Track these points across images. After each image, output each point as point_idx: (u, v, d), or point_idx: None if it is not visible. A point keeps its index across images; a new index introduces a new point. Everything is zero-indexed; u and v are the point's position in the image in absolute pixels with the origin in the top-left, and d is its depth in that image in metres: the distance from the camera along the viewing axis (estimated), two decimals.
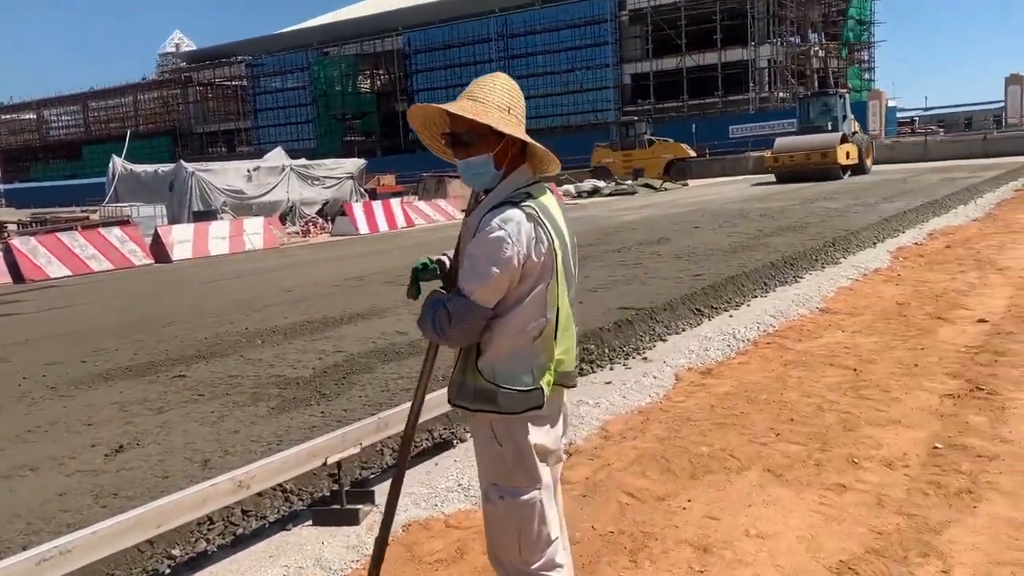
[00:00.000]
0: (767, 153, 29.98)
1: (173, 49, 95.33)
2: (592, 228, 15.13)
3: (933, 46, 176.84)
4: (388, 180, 31.78)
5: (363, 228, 20.33)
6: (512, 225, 2.02)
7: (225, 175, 20.43)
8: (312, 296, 8.86)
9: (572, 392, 4.92)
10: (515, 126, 2.12)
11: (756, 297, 7.88)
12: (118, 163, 20.57)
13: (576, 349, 2.25)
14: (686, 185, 35.18)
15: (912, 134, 56.33)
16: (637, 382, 5.28)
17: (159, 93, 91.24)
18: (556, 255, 2.07)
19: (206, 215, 18.81)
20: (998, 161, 30.80)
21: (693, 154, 36.76)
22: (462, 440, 4.31)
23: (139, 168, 20.71)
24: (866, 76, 65.04)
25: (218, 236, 16.93)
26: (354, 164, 24.02)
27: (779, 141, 29.85)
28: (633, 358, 5.85)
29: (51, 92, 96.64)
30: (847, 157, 27.49)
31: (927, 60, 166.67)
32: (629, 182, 34.34)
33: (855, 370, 5.37)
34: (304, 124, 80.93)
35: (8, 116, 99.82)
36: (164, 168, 20.26)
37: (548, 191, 2.22)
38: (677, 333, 6.53)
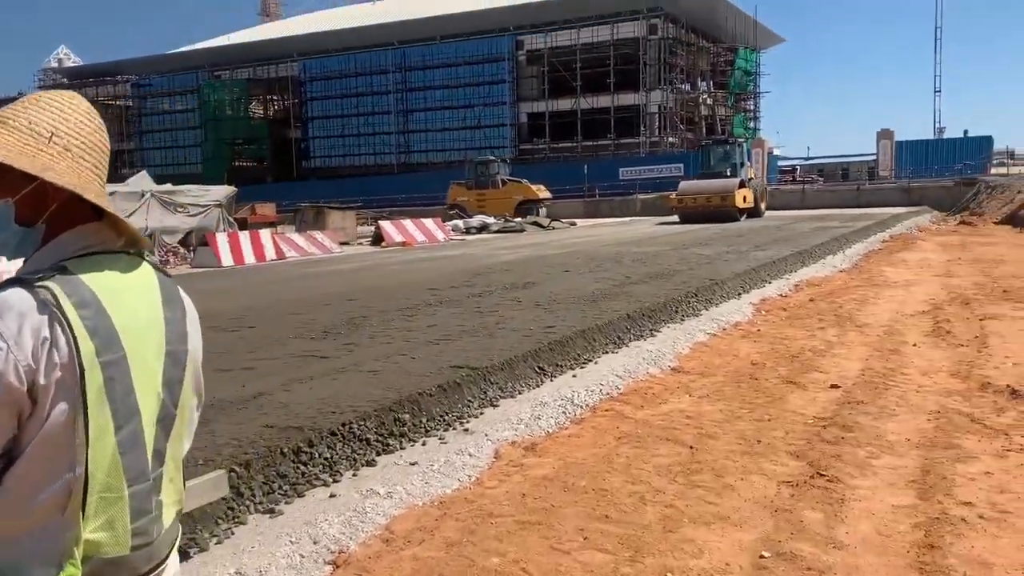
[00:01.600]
0: (672, 195, 31.34)
1: (56, 64, 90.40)
2: (464, 268, 14.48)
3: (817, 99, 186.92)
4: (267, 209, 30.34)
5: (227, 260, 19.09)
6: (9, 320, 1.25)
7: None
8: None
9: (365, 477, 4.17)
10: (57, 160, 1.36)
11: (607, 353, 7.34)
12: None
13: (139, 520, 1.38)
14: (574, 224, 35.29)
15: (793, 182, 58.68)
16: (448, 462, 4.56)
17: None
18: (84, 369, 1.29)
19: None
20: (869, 211, 32.06)
21: (545, 196, 37.82)
22: (203, 549, 3.47)
23: None
24: (751, 124, 67.61)
25: None
26: (223, 191, 22.72)
27: (683, 184, 31.38)
28: (454, 429, 5.14)
29: None
30: (744, 201, 29.33)
31: (811, 112, 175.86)
32: (518, 220, 34.14)
33: (692, 448, 4.82)
34: (192, 148, 78.26)
35: None
36: None
37: (135, 267, 1.46)
38: (512, 396, 5.88)
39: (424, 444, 4.84)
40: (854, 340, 8.15)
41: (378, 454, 4.61)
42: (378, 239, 25.31)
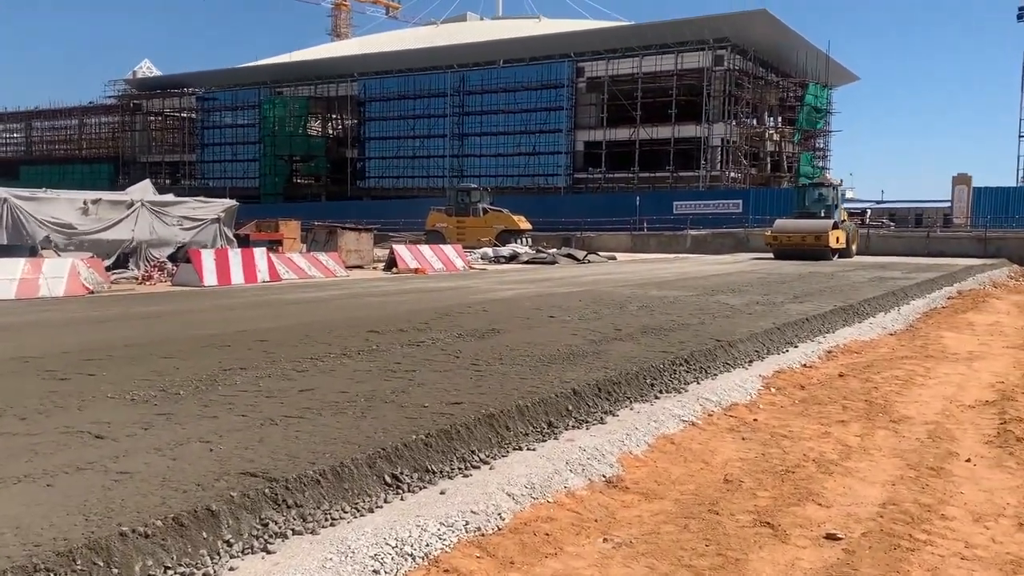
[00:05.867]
0: (767, 232, 32.35)
1: (131, 76, 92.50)
2: (440, 306, 12.48)
3: (893, 140, 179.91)
4: (291, 228, 28.84)
5: (210, 279, 17.48)
6: None
7: (53, 205, 17.51)
8: None
9: None
10: None
11: (520, 449, 5.23)
12: None
13: None
14: (613, 259, 33.21)
15: (861, 225, 55.35)
16: None
17: (106, 118, 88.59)
18: None
19: (12, 250, 15.85)
20: (938, 261, 29.13)
21: (526, 227, 36.34)
22: None
23: None
24: (819, 164, 64.51)
25: (3, 278, 13.98)
26: (223, 205, 21.25)
27: (778, 222, 32.36)
28: None
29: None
30: (837, 242, 30.46)
31: (886, 154, 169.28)
32: (552, 250, 32.26)
33: None
34: (250, 162, 78.84)
35: None
36: None
37: None
38: (313, 532, 3.81)
39: None
40: (883, 445, 5.87)
41: None
42: (391, 264, 23.57)
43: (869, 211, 71.19)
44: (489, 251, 30.80)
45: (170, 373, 6.65)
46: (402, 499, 4.28)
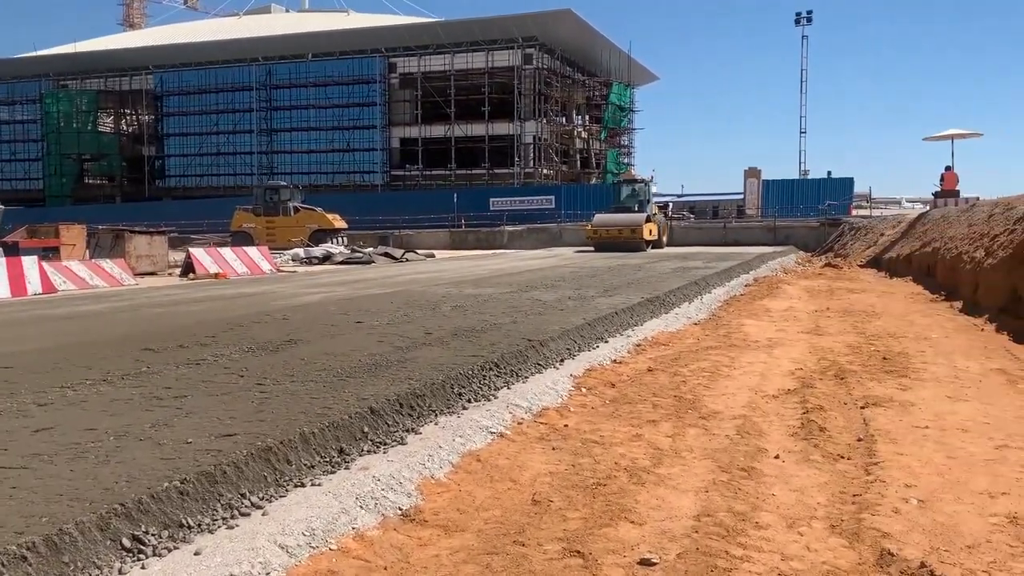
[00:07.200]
0: (588, 225, 33.96)
1: None
2: (233, 315, 11.39)
3: (692, 137, 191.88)
4: (74, 233, 26.02)
5: None
6: None
7: None
8: None
9: None
10: None
11: (302, 486, 4.52)
12: None
13: None
14: (432, 256, 32.76)
15: (666, 218, 58.06)
16: None
17: None
18: None
19: None
20: (735, 250, 30.89)
21: (341, 225, 35.62)
22: None
23: None
24: (624, 160, 67.12)
25: None
26: None
27: (597, 217, 34.18)
28: None
29: None
30: (650, 234, 32.73)
31: (686, 150, 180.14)
32: (369, 250, 31.31)
33: None
34: (32, 162, 71.76)
35: None
36: None
37: None
38: None
39: None
40: (694, 445, 5.66)
41: None
42: (188, 269, 21.78)
43: (671, 204, 75.15)
44: (300, 252, 29.40)
45: None
46: (143, 567, 3.47)
